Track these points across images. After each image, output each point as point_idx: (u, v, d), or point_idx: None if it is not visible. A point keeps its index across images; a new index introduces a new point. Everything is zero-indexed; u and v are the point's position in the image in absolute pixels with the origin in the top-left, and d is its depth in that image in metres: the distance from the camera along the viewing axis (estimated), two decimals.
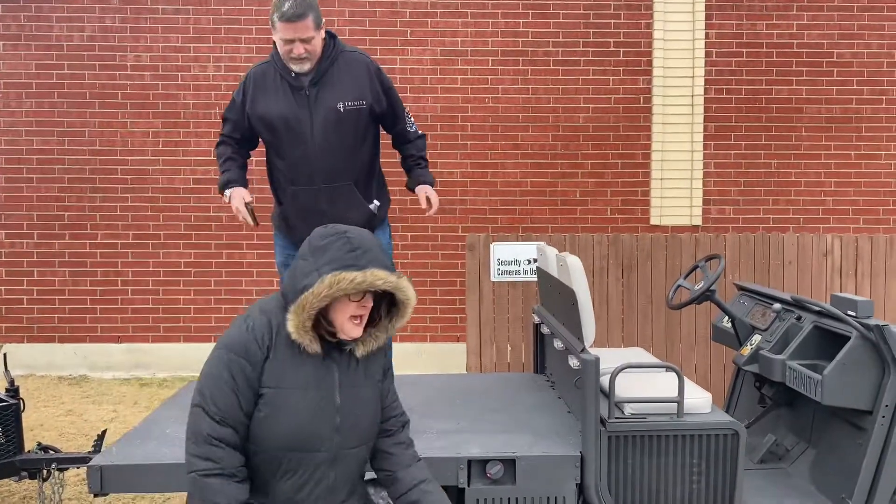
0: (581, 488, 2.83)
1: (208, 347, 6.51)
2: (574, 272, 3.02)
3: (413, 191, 3.35)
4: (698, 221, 7.07)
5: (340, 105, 3.02)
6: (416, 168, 3.38)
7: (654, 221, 7.09)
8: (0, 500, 4.04)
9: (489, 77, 7.01)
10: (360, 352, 2.05)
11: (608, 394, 2.84)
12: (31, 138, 6.91)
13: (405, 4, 6.98)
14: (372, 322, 2.06)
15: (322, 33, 2.98)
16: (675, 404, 2.86)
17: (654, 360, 3.62)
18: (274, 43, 3.03)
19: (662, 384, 3.07)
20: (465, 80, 7.00)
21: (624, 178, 7.10)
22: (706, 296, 3.60)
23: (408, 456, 2.20)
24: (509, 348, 5.21)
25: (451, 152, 7.02)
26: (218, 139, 3.28)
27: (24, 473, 3.43)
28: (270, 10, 2.97)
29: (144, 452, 2.82)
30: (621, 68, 7.05)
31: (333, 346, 2.03)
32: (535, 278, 5.07)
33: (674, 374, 2.96)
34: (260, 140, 3.27)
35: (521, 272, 5.19)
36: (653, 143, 7.05)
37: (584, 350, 2.91)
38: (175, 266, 6.96)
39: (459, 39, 6.99)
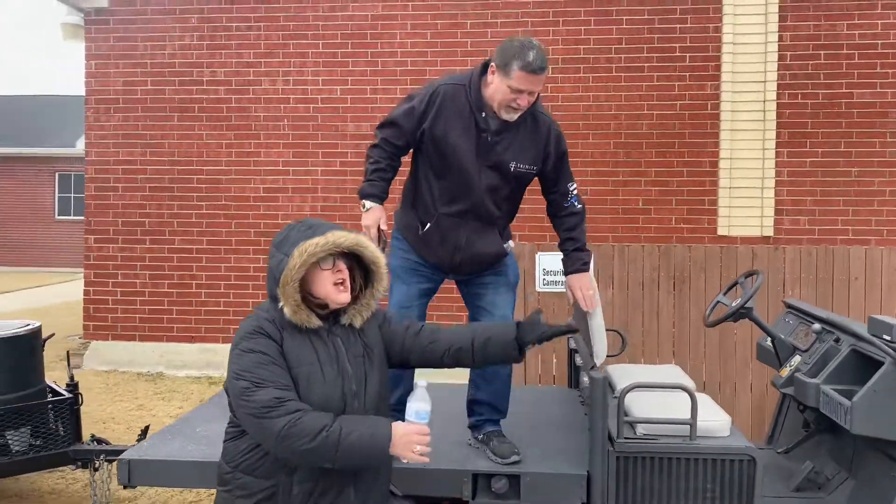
0: None
1: None
2: (593, 284, 2.97)
3: (565, 276, 3.11)
4: (769, 232, 6.76)
5: (513, 165, 2.85)
6: (570, 251, 3.08)
7: (721, 232, 6.84)
8: (65, 487, 4.37)
9: (549, 85, 6.96)
10: (357, 322, 2.17)
11: (619, 412, 2.79)
12: (117, 150, 7.42)
13: (466, 16, 7.04)
14: (356, 297, 2.18)
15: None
16: (689, 426, 2.77)
17: (678, 379, 3.51)
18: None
19: (683, 405, 2.98)
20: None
21: (690, 186, 6.88)
22: (742, 313, 3.46)
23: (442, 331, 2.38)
24: (554, 360, 5.16)
25: None
26: (375, 140, 3.01)
27: (79, 463, 3.70)
28: (505, 52, 2.72)
29: (172, 449, 2.99)
30: (687, 73, 6.85)
31: (333, 322, 2.14)
32: None
33: (699, 395, 2.87)
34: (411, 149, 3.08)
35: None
36: (721, 150, 6.81)
37: (593, 367, 2.87)
38: (245, 271, 7.30)
39: None
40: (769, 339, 3.64)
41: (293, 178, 7.22)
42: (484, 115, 2.80)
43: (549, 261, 5.14)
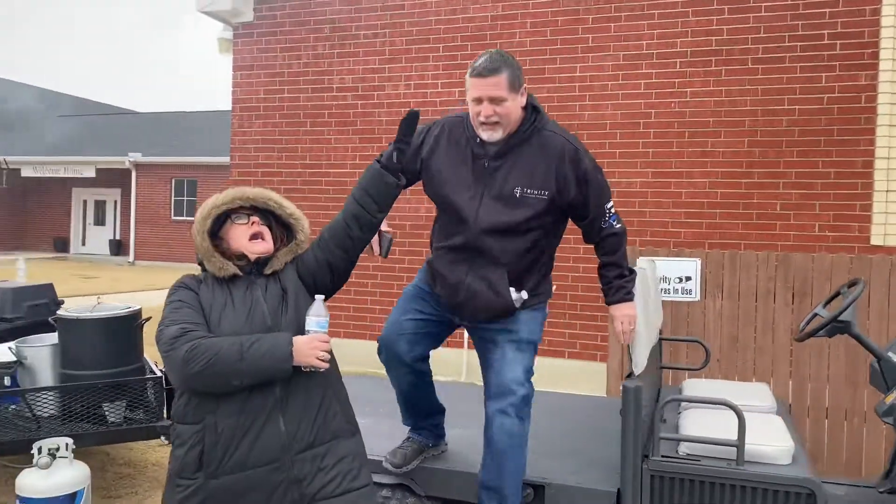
0: None
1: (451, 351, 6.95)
2: None
3: (607, 304, 2.74)
4: None
5: (518, 190, 2.52)
6: (612, 279, 2.68)
7: (875, 241, 6.01)
8: (167, 463, 4.72)
9: (676, 80, 6.52)
10: (277, 268, 2.31)
11: (655, 428, 2.51)
12: (257, 154, 7.97)
13: (588, 11, 6.78)
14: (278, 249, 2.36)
15: (521, 100, 2.51)
16: (735, 449, 2.43)
17: (763, 399, 3.10)
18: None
19: (751, 428, 2.62)
20: (650, 85, 6.59)
21: (837, 189, 6.12)
22: (837, 327, 3.00)
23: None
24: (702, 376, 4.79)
25: (632, 161, 6.64)
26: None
27: (164, 437, 3.97)
28: None
29: None
30: (837, 63, 6.10)
31: (257, 273, 2.29)
32: (686, 298, 4.62)
33: (772, 417, 2.52)
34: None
35: (671, 291, 4.75)
36: (877, 148, 5.99)
37: (630, 375, 2.60)
38: (365, 269, 7.52)
39: (644, 42, 6.61)
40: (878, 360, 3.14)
41: None
42: (479, 140, 2.56)
43: (666, 267, 4.78)
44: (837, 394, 4.35)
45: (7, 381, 3.92)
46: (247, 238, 2.27)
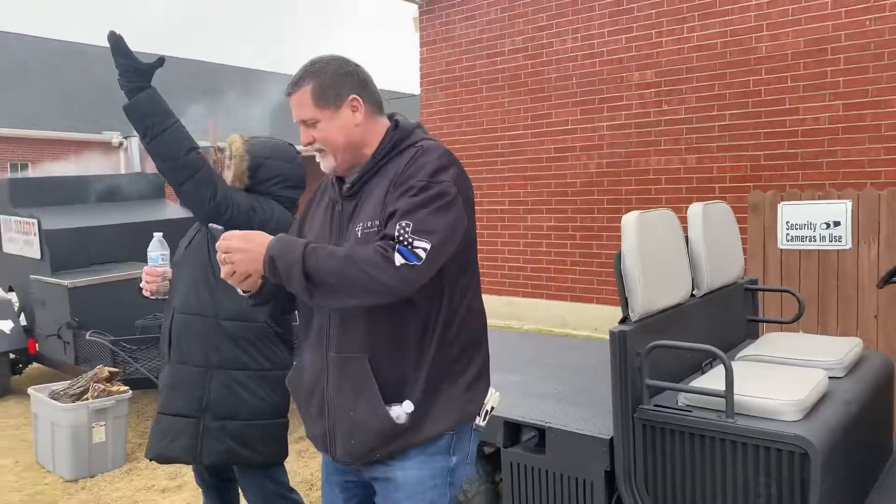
0: (611, 477, 2.46)
1: (567, 306, 7.04)
2: (624, 228, 2.54)
3: None
4: None
5: (359, 228, 1.71)
6: None
7: None
8: None
9: None
10: None
11: (642, 375, 2.38)
12: (442, 124, 8.41)
13: None
14: None
15: (355, 117, 1.75)
16: (724, 400, 2.22)
17: (832, 356, 2.69)
18: None
19: (795, 384, 2.35)
20: (838, 3, 5.69)
21: None
22: None
23: None
24: (799, 330, 4.28)
25: (818, 94, 5.83)
26: None
27: None
28: None
29: None
30: None
31: None
32: (835, 246, 4.09)
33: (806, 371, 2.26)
34: None
35: (817, 238, 4.19)
36: None
37: (624, 319, 2.47)
38: (539, 229, 7.60)
39: None
40: None
41: (580, 136, 7.21)
42: (334, 178, 1.85)
43: (795, 212, 4.28)
44: None
45: None
46: None
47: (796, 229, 4.27)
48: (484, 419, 1.81)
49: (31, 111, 18.39)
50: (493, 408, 1.84)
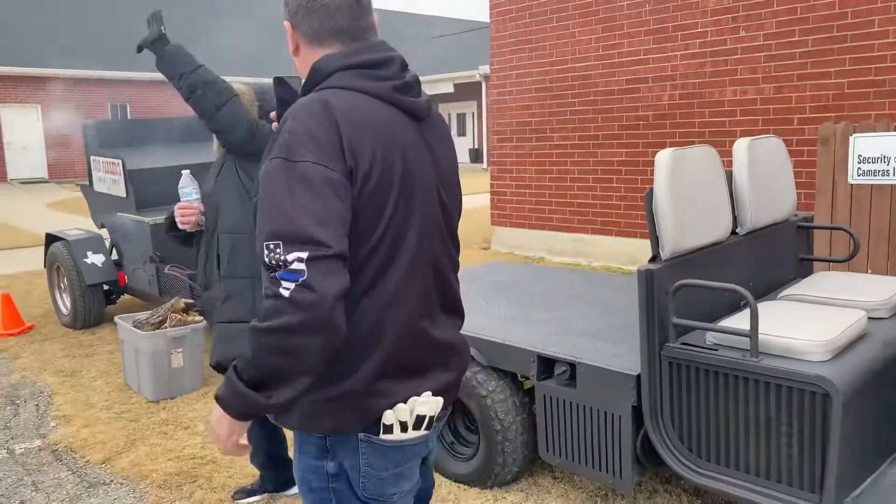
0: (639, 412, 2.51)
1: (637, 243, 6.98)
2: (657, 165, 2.50)
3: None
4: None
5: None
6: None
7: None
8: None
9: None
10: None
11: (669, 313, 2.39)
12: (511, 57, 8.26)
13: None
14: None
15: (308, 53, 1.44)
16: (749, 339, 2.21)
17: (874, 296, 2.60)
18: None
19: (830, 323, 2.32)
20: None
21: None
22: None
23: None
24: (868, 270, 4.11)
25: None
26: None
27: None
28: None
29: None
30: None
31: None
32: (887, 180, 3.88)
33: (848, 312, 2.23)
34: None
35: (891, 172, 3.96)
36: None
37: (654, 258, 2.46)
38: (609, 164, 7.45)
39: None
40: None
41: (653, 66, 6.94)
42: None
43: (868, 145, 4.07)
44: None
45: None
46: None
47: (869, 163, 4.05)
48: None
49: (131, 53, 19.16)
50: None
